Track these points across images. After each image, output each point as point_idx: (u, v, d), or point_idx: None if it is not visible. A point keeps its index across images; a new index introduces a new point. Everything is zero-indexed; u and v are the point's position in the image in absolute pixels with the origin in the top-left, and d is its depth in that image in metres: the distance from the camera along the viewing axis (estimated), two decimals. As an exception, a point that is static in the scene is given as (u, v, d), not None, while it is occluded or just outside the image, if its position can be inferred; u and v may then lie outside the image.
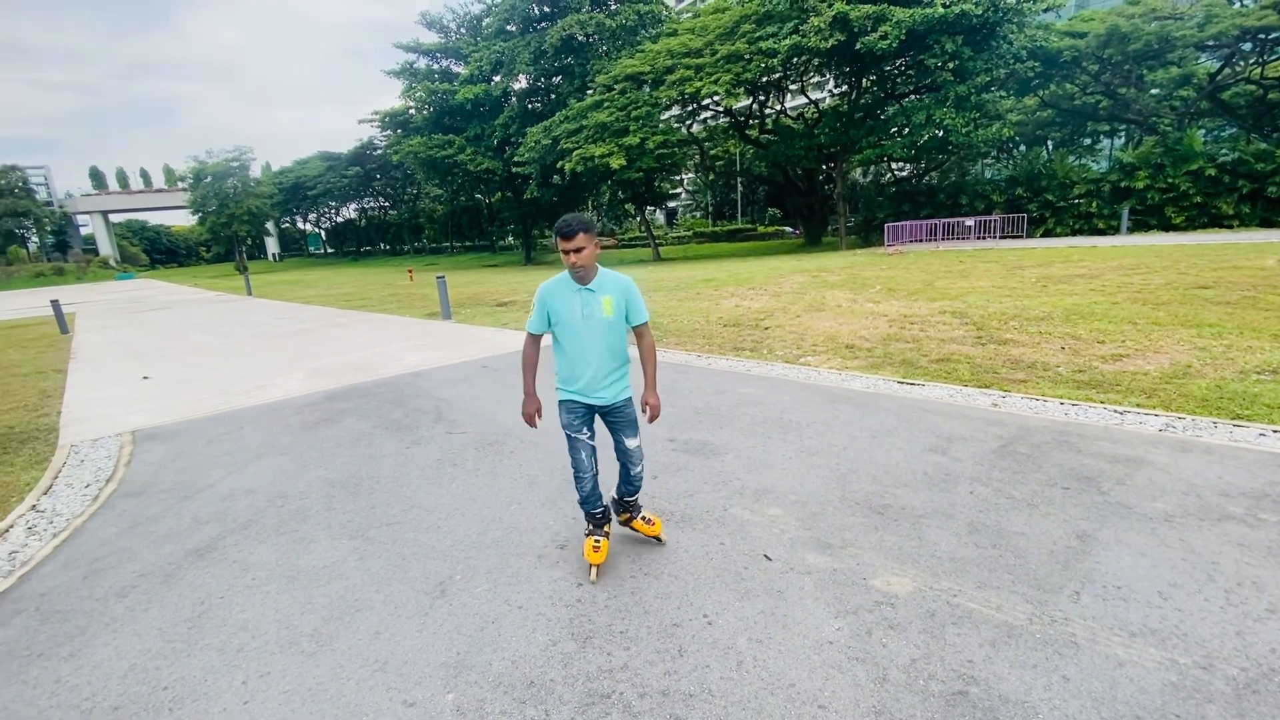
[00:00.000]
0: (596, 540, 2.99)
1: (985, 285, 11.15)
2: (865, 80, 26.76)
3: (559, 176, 29.24)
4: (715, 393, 5.89)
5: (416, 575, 3.06)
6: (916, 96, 25.13)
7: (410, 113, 39.34)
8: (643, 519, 3.20)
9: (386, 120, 42.05)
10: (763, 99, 31.24)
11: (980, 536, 3.06)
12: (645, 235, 40.92)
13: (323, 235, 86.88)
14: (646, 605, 2.70)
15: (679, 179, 50.05)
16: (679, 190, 59.27)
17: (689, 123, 33.53)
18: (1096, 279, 10.81)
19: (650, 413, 2.95)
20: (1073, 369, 5.84)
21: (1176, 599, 2.50)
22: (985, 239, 23.20)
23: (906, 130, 24.31)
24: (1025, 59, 23.39)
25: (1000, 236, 23.28)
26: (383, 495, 4.05)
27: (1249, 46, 23.83)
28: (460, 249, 66.32)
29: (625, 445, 3.01)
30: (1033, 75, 25.74)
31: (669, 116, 30.82)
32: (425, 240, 73.46)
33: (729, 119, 32.94)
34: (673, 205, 65.01)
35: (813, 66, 27.30)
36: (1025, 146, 32.56)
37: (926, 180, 31.14)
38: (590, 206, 46.72)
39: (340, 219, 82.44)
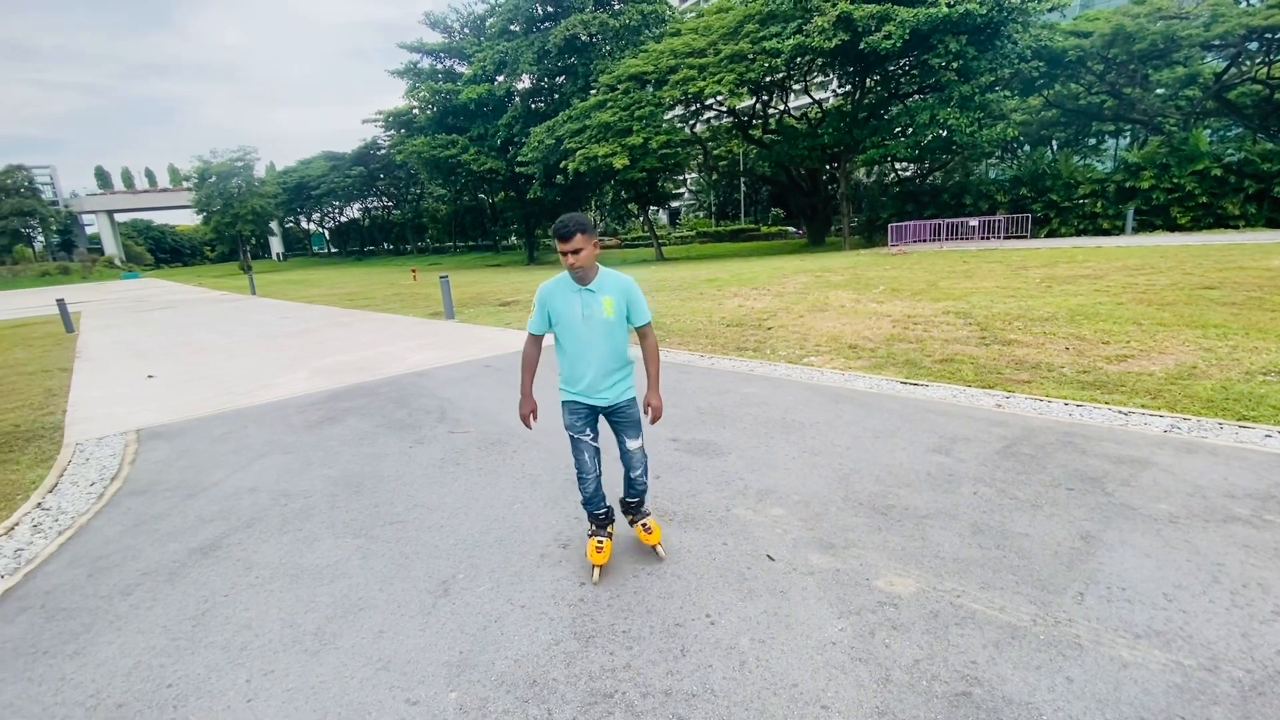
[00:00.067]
0: (599, 541, 2.97)
1: (989, 285, 11.12)
2: (869, 80, 26.72)
3: (562, 176, 29.24)
4: (718, 393, 5.89)
5: (419, 574, 3.07)
6: (920, 96, 25.08)
7: (414, 112, 39.44)
8: (643, 526, 3.10)
9: (390, 120, 42.19)
10: (766, 99, 31.22)
11: (984, 537, 3.05)
12: (648, 235, 40.91)
13: (326, 235, 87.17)
14: (649, 605, 2.70)
15: (682, 179, 50.13)
16: (682, 190, 59.28)
17: (692, 123, 33.54)
18: (1101, 279, 10.78)
19: (652, 414, 2.92)
20: (1077, 370, 5.82)
21: (1181, 600, 2.49)
22: (989, 239, 23.13)
23: (910, 130, 24.27)
24: (1030, 58, 23.32)
25: (1004, 237, 23.21)
26: (386, 494, 4.06)
27: (1255, 46, 23.73)
28: (463, 249, 66.46)
29: (626, 447, 2.97)
30: (1037, 75, 25.65)
31: (672, 116, 30.82)
32: (429, 240, 73.65)
33: (732, 119, 32.93)
34: (676, 205, 64.98)
35: (816, 66, 27.26)
36: (1029, 146, 32.48)
37: (930, 180, 31.07)
38: (593, 206, 46.69)
39: (344, 219, 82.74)
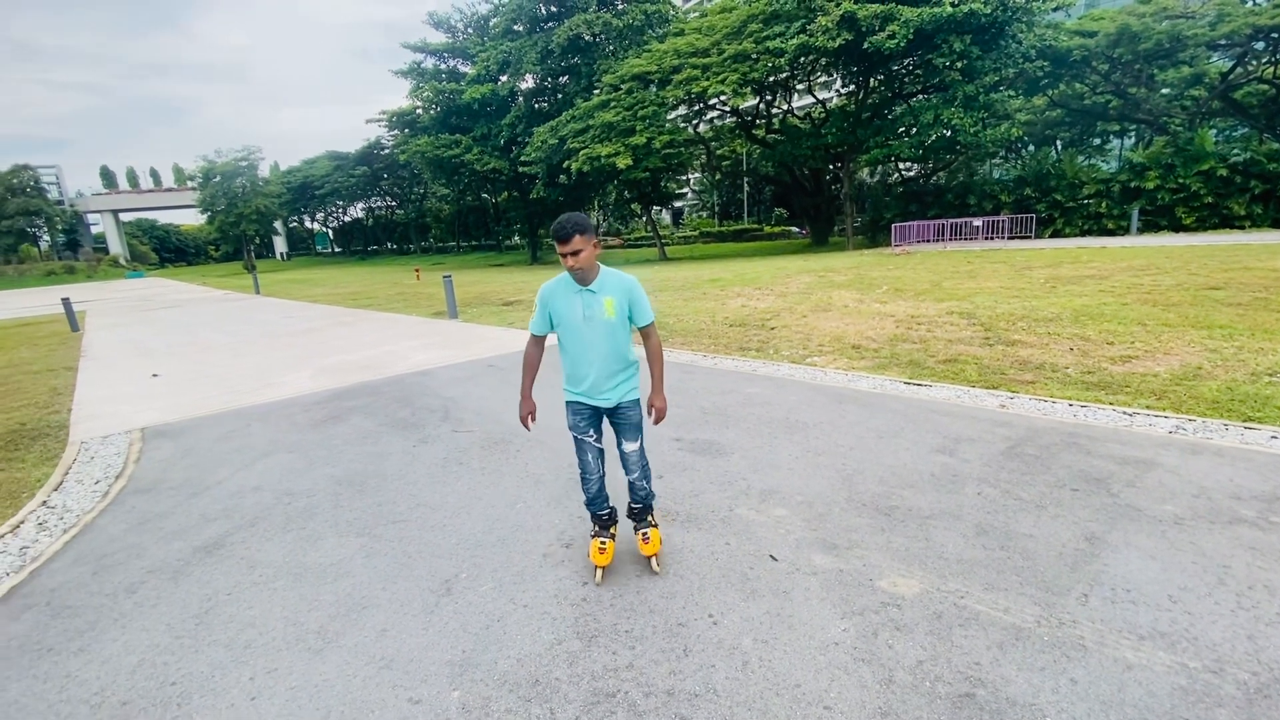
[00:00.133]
0: (602, 542, 2.95)
1: (993, 286, 11.09)
2: (873, 80, 26.66)
3: (565, 176, 29.29)
4: (721, 392, 5.88)
5: (423, 573, 3.07)
6: (924, 96, 25.02)
7: (417, 112, 39.50)
8: (642, 536, 2.99)
9: (394, 120, 42.27)
10: (769, 99, 31.18)
11: (988, 538, 3.04)
12: (651, 235, 40.89)
13: (330, 234, 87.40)
14: (652, 605, 2.70)
15: (685, 179, 50.08)
16: (685, 190, 59.30)
17: (695, 122, 33.51)
18: (1106, 280, 10.74)
19: (656, 415, 2.89)
20: (1081, 370, 5.80)
21: (1186, 602, 2.48)
22: (993, 239, 23.06)
23: (914, 130, 24.22)
24: (1034, 58, 23.26)
25: (1008, 237, 23.13)
26: (389, 493, 4.06)
27: (1262, 45, 23.63)
28: (467, 248, 66.55)
29: (623, 449, 2.93)
30: (1042, 75, 25.59)
31: (675, 116, 30.82)
32: (432, 240, 73.77)
33: (736, 119, 32.90)
34: (679, 205, 64.98)
35: (820, 66, 27.23)
36: (1034, 146, 32.38)
37: (934, 180, 31.01)
38: (596, 206, 46.74)
39: (347, 218, 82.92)
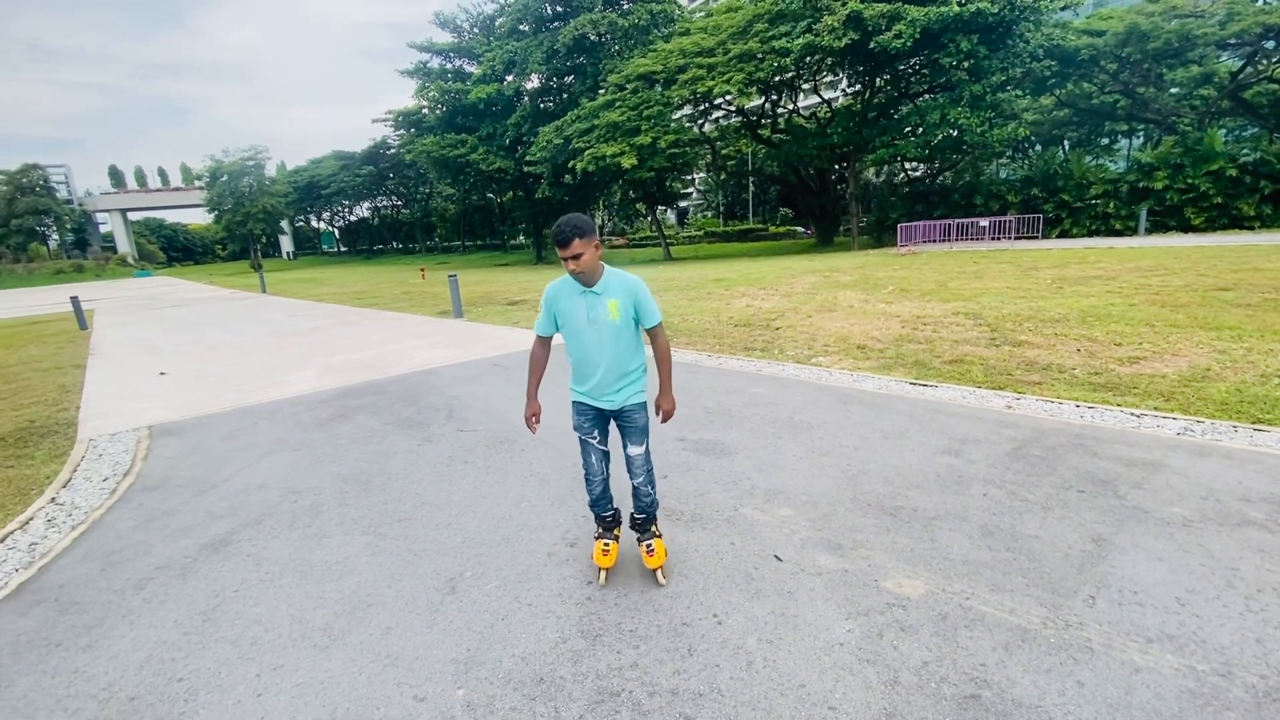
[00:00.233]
0: (606, 544, 2.94)
1: (999, 286, 11.04)
2: (879, 79, 26.57)
3: (570, 176, 29.31)
4: (726, 392, 5.88)
5: (427, 571, 3.08)
6: (931, 96, 24.92)
7: (423, 112, 39.59)
8: (646, 548, 2.91)
9: (400, 120, 42.37)
10: (775, 98, 31.13)
11: (993, 539, 3.03)
12: (656, 235, 40.91)
13: (336, 234, 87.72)
14: (656, 604, 2.70)
15: (690, 178, 50.07)
16: (690, 190, 59.26)
17: (701, 122, 33.47)
18: (1113, 280, 10.67)
19: (663, 416, 2.86)
20: (1088, 371, 5.77)
21: (1194, 605, 2.46)
22: (1000, 240, 22.95)
23: (920, 130, 24.11)
24: (1042, 58, 23.12)
25: (1015, 237, 23.03)
26: (394, 491, 4.08)
27: (1272, 44, 23.43)
28: (472, 248, 66.70)
29: (628, 452, 2.89)
30: (1049, 74, 25.45)
31: (681, 116, 30.79)
32: (437, 239, 73.99)
33: (741, 118, 32.84)
34: (684, 205, 64.98)
35: (826, 66, 27.15)
36: (1041, 146, 32.24)
37: (940, 180, 30.89)
38: (601, 206, 46.72)
39: (353, 218, 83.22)
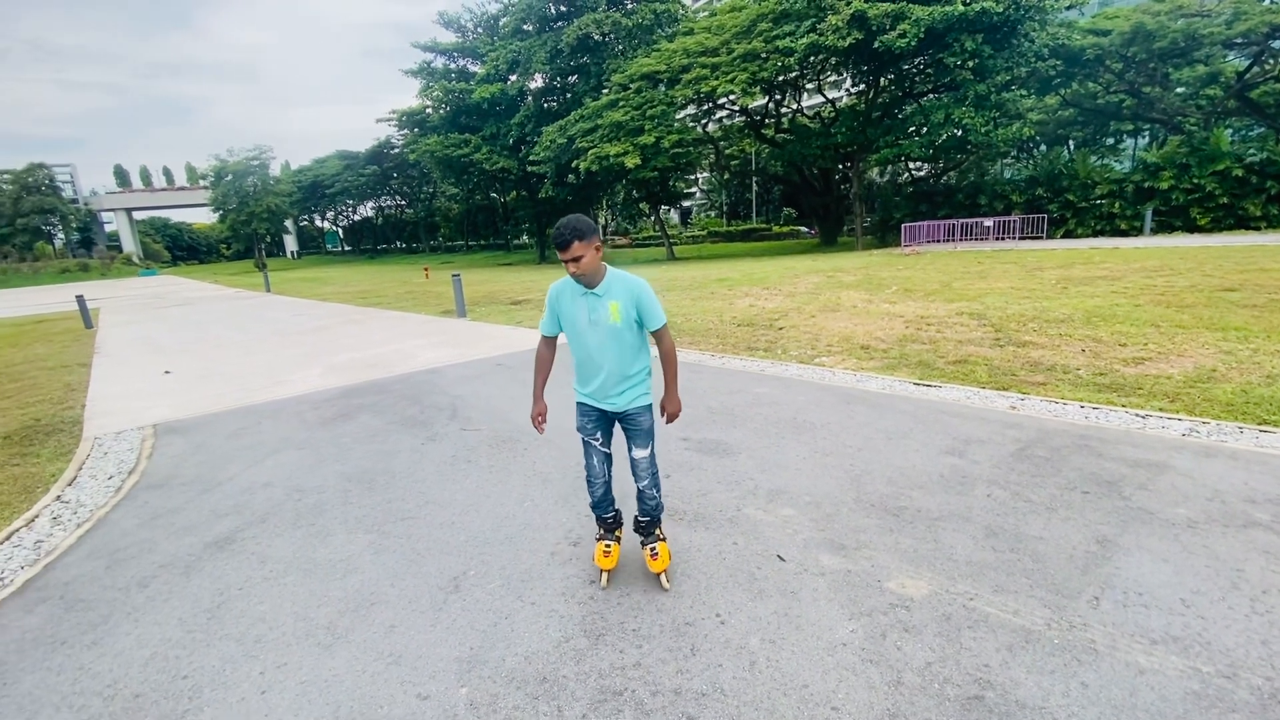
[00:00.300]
0: (607, 545, 2.93)
1: (1004, 286, 11.01)
2: (883, 79, 26.51)
3: (574, 175, 29.29)
4: (729, 392, 5.88)
5: (431, 570, 3.09)
6: (935, 95, 24.87)
7: (427, 112, 39.63)
8: (650, 551, 2.90)
9: (403, 119, 42.41)
10: (779, 98, 31.06)
11: (997, 540, 3.02)
12: (659, 234, 40.87)
13: (340, 233, 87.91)
14: (659, 604, 2.70)
15: (694, 178, 49.94)
16: (694, 190, 59.12)
17: (704, 122, 33.42)
18: (1118, 281, 10.63)
19: (667, 418, 2.84)
20: (1093, 372, 5.75)
21: (1199, 606, 2.45)
22: (1004, 240, 22.89)
23: (925, 130, 24.07)
24: (1047, 57, 23.04)
25: (1019, 237, 22.96)
26: (398, 490, 4.09)
27: (1279, 44, 23.29)
28: (475, 247, 66.77)
29: (632, 455, 2.87)
30: (1054, 74, 25.35)
31: (684, 115, 30.74)
32: (441, 238, 74.08)
33: (745, 118, 32.78)
34: (687, 204, 64.92)
35: (830, 65, 27.09)
36: (1046, 146, 32.14)
37: (944, 180, 30.79)
38: (605, 205, 46.72)
39: (357, 217, 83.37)
